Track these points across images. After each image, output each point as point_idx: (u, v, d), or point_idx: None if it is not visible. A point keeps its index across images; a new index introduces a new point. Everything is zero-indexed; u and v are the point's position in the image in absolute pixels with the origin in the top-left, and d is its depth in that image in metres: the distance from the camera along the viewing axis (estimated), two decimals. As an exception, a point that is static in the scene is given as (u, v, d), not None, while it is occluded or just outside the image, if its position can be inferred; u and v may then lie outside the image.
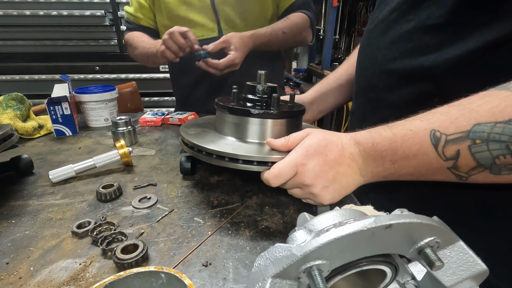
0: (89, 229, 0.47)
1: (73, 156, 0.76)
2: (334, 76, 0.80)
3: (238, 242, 0.46)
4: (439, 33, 0.46)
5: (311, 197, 0.46)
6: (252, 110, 0.53)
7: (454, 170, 0.38)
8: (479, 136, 0.35)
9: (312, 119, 0.81)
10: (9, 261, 0.42)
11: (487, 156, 0.35)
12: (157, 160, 0.74)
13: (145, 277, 0.32)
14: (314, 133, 0.47)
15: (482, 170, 0.37)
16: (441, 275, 0.28)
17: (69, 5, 2.16)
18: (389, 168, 0.43)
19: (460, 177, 0.39)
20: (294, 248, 0.23)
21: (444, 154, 0.38)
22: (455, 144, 0.37)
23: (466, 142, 0.36)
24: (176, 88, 1.23)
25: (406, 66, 0.50)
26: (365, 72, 0.59)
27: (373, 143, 0.43)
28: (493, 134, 0.34)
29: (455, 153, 0.37)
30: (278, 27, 1.03)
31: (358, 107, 0.64)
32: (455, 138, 0.37)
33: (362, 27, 3.57)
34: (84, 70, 2.26)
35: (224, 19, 1.02)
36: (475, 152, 0.36)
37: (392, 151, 0.41)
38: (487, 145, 0.35)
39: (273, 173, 0.45)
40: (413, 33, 0.49)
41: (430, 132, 0.39)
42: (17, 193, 0.59)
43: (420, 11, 0.48)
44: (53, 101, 0.87)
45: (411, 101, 0.50)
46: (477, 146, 0.35)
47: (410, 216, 0.23)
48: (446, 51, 0.45)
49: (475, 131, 0.35)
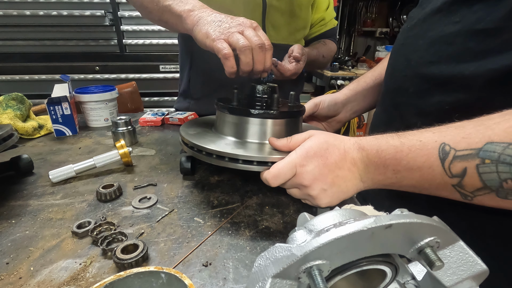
0: (89, 229, 0.47)
1: (73, 156, 0.76)
2: (372, 75, 0.74)
3: (238, 242, 0.46)
4: (487, 39, 0.41)
5: (309, 198, 0.46)
6: (252, 110, 0.53)
7: (459, 188, 0.37)
8: (489, 155, 0.33)
9: (345, 120, 0.77)
10: (9, 261, 0.42)
11: (494, 178, 0.33)
12: (157, 160, 0.74)
13: (145, 277, 0.32)
14: (317, 135, 0.46)
15: (488, 192, 0.35)
16: (441, 275, 0.28)
17: (69, 5, 2.16)
18: (391, 177, 0.42)
19: (465, 196, 0.37)
20: (294, 248, 0.23)
21: (450, 170, 0.36)
22: (462, 161, 0.35)
23: (475, 161, 0.34)
24: (182, 79, 1.12)
25: (443, 72, 0.46)
26: (396, 74, 0.56)
27: (378, 150, 0.42)
28: (504, 156, 0.32)
29: (462, 171, 0.35)
30: (321, 51, 1.05)
31: (383, 111, 0.61)
32: (464, 155, 0.35)
33: (362, 27, 3.57)
34: (84, 70, 2.26)
35: (270, 23, 0.95)
36: (482, 172, 0.34)
37: (396, 160, 0.40)
38: (496, 166, 0.33)
39: (272, 173, 0.45)
40: (456, 36, 0.45)
41: (440, 145, 0.37)
42: (17, 193, 0.59)
43: (469, 13, 0.43)
44: (53, 101, 0.87)
45: (443, 110, 0.47)
46: (485, 166, 0.34)
47: (410, 216, 0.23)
48: (491, 61, 0.41)
49: (486, 150, 0.34)
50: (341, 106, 0.74)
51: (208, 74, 1.01)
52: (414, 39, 0.52)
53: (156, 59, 2.34)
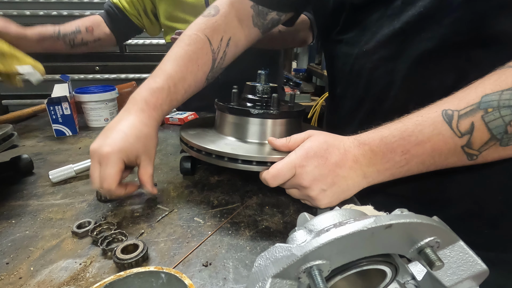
0: (89, 229, 0.47)
1: (73, 156, 0.76)
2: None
3: (238, 242, 0.46)
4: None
5: (308, 199, 0.46)
6: (252, 110, 0.53)
7: (467, 149, 0.39)
8: (490, 104, 0.36)
9: None
10: (9, 261, 0.42)
11: (500, 124, 0.36)
12: (157, 160, 0.74)
13: (145, 277, 0.32)
14: (316, 135, 0.46)
15: (493, 143, 0.37)
16: (441, 275, 0.28)
17: (69, 5, 2.16)
18: (399, 161, 0.42)
19: (471, 156, 0.39)
20: (294, 248, 0.23)
21: (458, 129, 0.38)
22: (468, 117, 0.38)
23: (479, 113, 0.37)
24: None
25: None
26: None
27: (382, 137, 0.42)
28: (503, 101, 0.36)
29: (470, 127, 0.38)
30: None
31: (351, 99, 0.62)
32: (467, 112, 0.38)
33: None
34: (84, 70, 2.26)
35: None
36: (488, 121, 0.37)
37: (404, 139, 0.41)
38: (499, 111, 0.36)
39: (271, 173, 0.45)
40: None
41: (442, 112, 0.39)
42: (17, 193, 0.59)
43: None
44: (53, 101, 0.87)
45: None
46: (489, 114, 0.36)
47: (410, 216, 0.23)
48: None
49: (485, 101, 0.37)
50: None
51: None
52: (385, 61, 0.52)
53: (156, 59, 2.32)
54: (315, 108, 2.40)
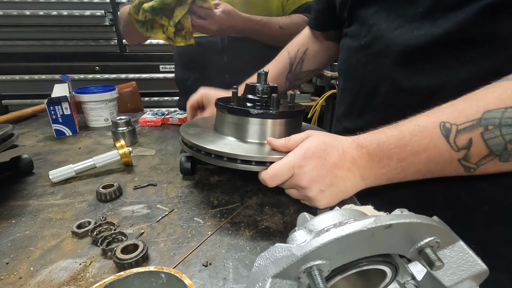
0: (89, 229, 0.47)
1: (73, 156, 0.76)
2: (276, 68, 0.83)
3: (238, 242, 0.46)
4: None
5: (306, 199, 0.46)
6: (252, 110, 0.53)
7: (464, 162, 0.38)
8: (491, 122, 0.35)
9: None
10: (9, 261, 0.42)
11: (500, 142, 0.35)
12: (157, 160, 0.74)
13: (145, 277, 0.32)
14: (315, 135, 0.46)
15: (492, 158, 0.37)
16: (441, 275, 0.28)
17: (69, 5, 2.16)
18: (395, 168, 0.42)
19: (469, 169, 0.39)
20: (294, 248, 0.23)
21: (456, 144, 0.38)
22: (467, 133, 0.37)
23: (478, 130, 0.36)
24: (178, 81, 1.24)
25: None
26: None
27: (379, 143, 0.42)
28: (505, 119, 0.35)
29: (467, 142, 0.37)
30: (276, 21, 1.03)
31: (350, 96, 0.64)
32: (466, 127, 0.37)
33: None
34: (84, 70, 2.26)
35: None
36: (487, 138, 0.36)
37: (400, 148, 0.41)
38: (500, 130, 0.35)
39: (270, 173, 0.45)
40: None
41: (440, 124, 0.38)
42: (17, 193, 0.59)
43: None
44: (53, 101, 0.87)
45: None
46: (489, 132, 0.36)
47: (410, 216, 0.23)
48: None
49: (486, 118, 0.36)
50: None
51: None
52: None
53: (156, 59, 2.34)
54: (315, 108, 2.40)
